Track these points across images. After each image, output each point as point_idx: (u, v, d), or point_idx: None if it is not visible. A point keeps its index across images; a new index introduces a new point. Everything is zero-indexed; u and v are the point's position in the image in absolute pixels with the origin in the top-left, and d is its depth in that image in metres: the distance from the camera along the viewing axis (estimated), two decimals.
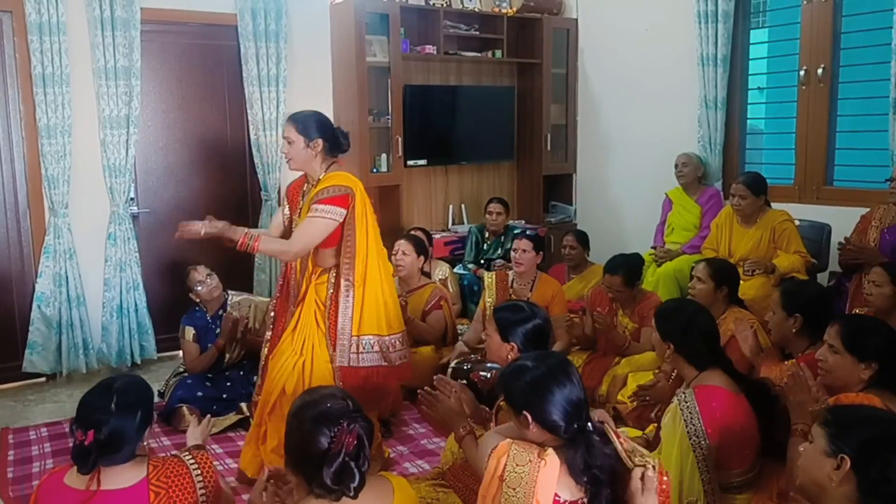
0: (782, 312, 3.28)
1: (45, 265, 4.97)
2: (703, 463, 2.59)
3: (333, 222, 3.34)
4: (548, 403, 2.04)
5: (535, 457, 2.02)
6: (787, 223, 4.68)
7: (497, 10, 6.57)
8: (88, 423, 2.10)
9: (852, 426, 1.87)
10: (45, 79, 4.81)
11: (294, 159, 3.45)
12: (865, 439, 1.83)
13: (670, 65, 6.04)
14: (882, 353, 2.59)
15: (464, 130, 6.54)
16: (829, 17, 5.15)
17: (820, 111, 5.28)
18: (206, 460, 2.30)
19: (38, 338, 4.98)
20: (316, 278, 3.48)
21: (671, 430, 2.68)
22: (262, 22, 5.54)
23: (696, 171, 5.64)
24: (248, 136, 5.71)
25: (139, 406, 2.18)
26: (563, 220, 6.94)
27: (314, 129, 3.43)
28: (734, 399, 2.69)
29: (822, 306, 3.30)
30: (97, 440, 2.08)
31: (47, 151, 4.88)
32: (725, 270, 4.00)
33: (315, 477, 1.91)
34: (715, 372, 2.77)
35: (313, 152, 3.42)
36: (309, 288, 3.48)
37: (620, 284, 4.36)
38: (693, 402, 2.64)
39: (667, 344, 2.83)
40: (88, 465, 2.10)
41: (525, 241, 4.72)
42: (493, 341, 2.96)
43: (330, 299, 3.43)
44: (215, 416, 4.25)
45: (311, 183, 3.50)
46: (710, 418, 2.60)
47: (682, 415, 2.63)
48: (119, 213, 5.16)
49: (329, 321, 3.43)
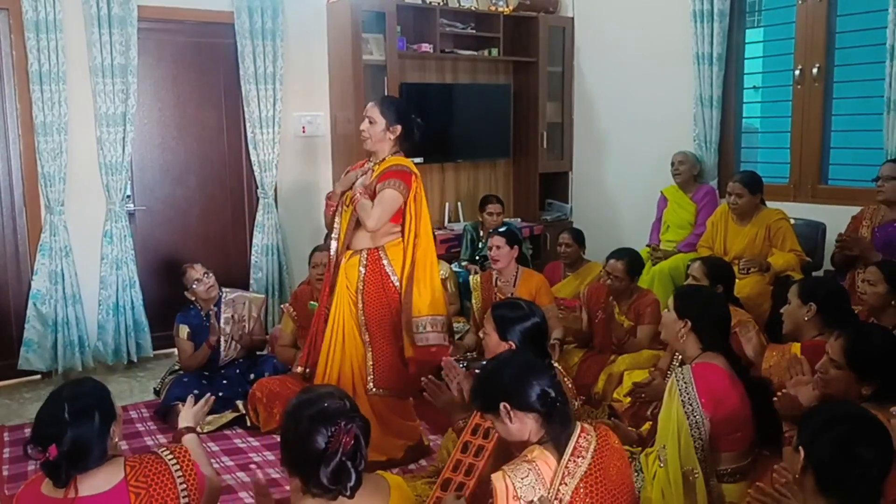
0: (797, 300, 3.27)
1: (41, 263, 4.96)
2: (696, 431, 2.63)
3: (400, 196, 3.57)
4: (525, 387, 2.18)
5: (531, 463, 2.10)
6: (783, 221, 4.70)
7: (493, 8, 6.57)
8: (47, 439, 2.06)
9: (814, 423, 2.00)
10: (41, 76, 4.81)
11: (371, 137, 3.66)
12: (821, 436, 1.94)
13: (666, 63, 6.05)
14: (885, 371, 2.53)
15: (460, 128, 6.54)
16: (824, 17, 5.17)
17: (815, 110, 5.29)
18: (184, 455, 2.25)
19: (34, 335, 4.98)
20: (346, 260, 3.64)
21: (667, 403, 2.72)
22: (258, 20, 5.53)
23: (693, 170, 5.65)
24: (244, 133, 5.71)
25: (94, 408, 2.12)
26: (559, 217, 6.95)
27: (397, 116, 3.66)
28: (730, 380, 2.73)
29: (839, 300, 3.29)
30: (61, 453, 2.04)
31: (43, 149, 4.88)
32: (721, 269, 4.02)
33: (312, 476, 1.92)
34: (717, 355, 2.81)
35: (391, 136, 3.65)
36: (339, 271, 3.65)
37: (622, 271, 4.37)
38: (689, 375, 2.69)
39: (683, 321, 2.85)
40: (62, 477, 2.07)
41: (497, 237, 4.70)
42: (492, 339, 2.98)
43: (363, 281, 3.59)
44: (211, 415, 4.27)
45: (375, 162, 3.71)
46: (704, 389, 2.65)
47: (678, 385, 2.68)
48: (115, 210, 5.16)
49: (364, 304, 3.60)
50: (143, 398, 4.76)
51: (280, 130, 5.73)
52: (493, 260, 4.70)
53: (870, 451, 1.89)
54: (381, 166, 3.63)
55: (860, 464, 1.88)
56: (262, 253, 5.77)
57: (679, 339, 2.88)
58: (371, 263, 3.60)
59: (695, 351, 2.86)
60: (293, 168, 5.91)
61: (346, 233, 3.66)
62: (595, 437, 2.19)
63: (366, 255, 3.61)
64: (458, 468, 2.39)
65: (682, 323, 2.86)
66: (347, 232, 3.66)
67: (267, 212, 5.75)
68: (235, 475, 3.70)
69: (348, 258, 3.64)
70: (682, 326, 2.86)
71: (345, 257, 3.65)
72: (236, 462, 3.84)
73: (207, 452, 3.86)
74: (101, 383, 2.28)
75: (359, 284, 3.60)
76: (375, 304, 3.61)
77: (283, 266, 5.86)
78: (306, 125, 5.98)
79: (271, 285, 5.83)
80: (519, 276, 4.70)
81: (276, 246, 5.81)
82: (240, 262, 5.82)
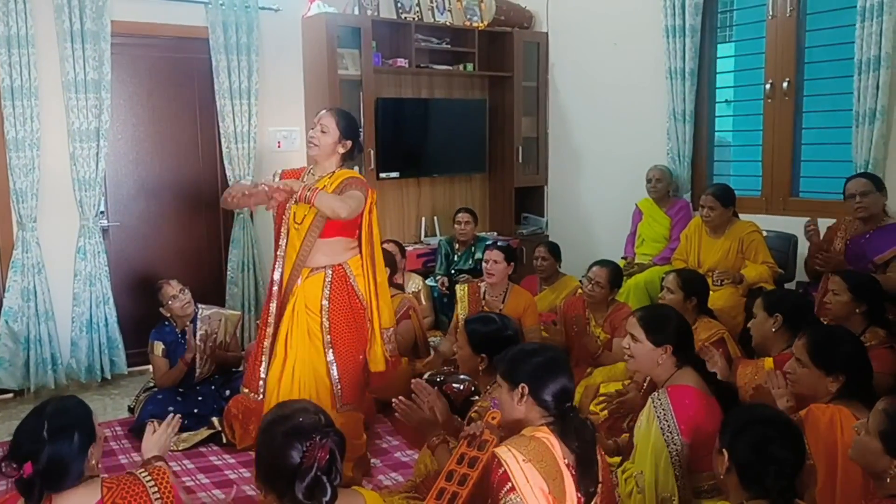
0: (763, 313, 3.37)
1: (13, 280, 4.90)
2: (676, 458, 2.63)
3: (362, 203, 3.48)
4: (549, 383, 2.29)
5: (530, 437, 2.21)
6: (755, 234, 4.75)
7: (468, 23, 6.61)
8: (23, 455, 2.04)
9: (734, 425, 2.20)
10: (13, 91, 4.76)
11: (321, 147, 3.57)
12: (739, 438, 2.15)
13: (639, 78, 6.11)
14: (849, 366, 2.64)
15: (436, 143, 6.56)
16: (794, 32, 5.25)
17: (785, 124, 5.37)
18: (162, 476, 2.23)
19: (6, 353, 4.91)
20: (304, 278, 3.54)
21: (645, 429, 2.72)
22: (233, 35, 5.53)
23: (669, 186, 5.70)
24: (219, 148, 5.68)
25: (74, 427, 2.10)
26: (535, 231, 6.98)
27: (349, 130, 3.62)
28: (705, 399, 2.75)
29: (803, 310, 3.39)
30: (36, 471, 2.02)
31: (15, 165, 4.83)
32: (695, 281, 4.06)
33: (286, 491, 1.91)
34: (688, 370, 2.83)
35: (341, 149, 3.59)
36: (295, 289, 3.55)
37: (605, 279, 4.41)
38: (667, 401, 2.69)
39: (663, 348, 2.84)
40: (35, 496, 2.04)
41: (496, 251, 4.74)
42: (465, 352, 2.99)
43: (328, 300, 3.51)
44: (186, 432, 4.23)
45: (317, 175, 3.60)
46: (683, 416, 2.65)
47: (656, 413, 2.68)
48: (89, 226, 5.12)
49: (329, 322, 3.51)
50: (118, 416, 4.70)
51: (255, 146, 5.72)
52: (487, 274, 4.71)
53: (783, 450, 2.08)
54: (338, 178, 3.55)
55: (775, 462, 2.07)
56: (238, 269, 5.74)
57: (657, 366, 2.86)
58: (337, 280, 3.53)
59: (669, 372, 2.85)
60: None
61: (301, 251, 3.53)
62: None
63: (331, 272, 3.54)
64: (441, 496, 2.38)
65: (661, 350, 2.85)
66: (303, 250, 3.53)
67: (242, 227, 5.72)
68: (211, 493, 3.66)
69: (306, 276, 3.54)
70: (661, 353, 2.85)
71: (302, 276, 3.56)
72: (212, 479, 3.80)
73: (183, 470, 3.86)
74: (85, 403, 2.24)
75: (323, 303, 3.51)
76: (342, 320, 3.55)
77: (259, 282, 5.83)
78: (282, 140, 5.98)
79: (247, 301, 5.79)
80: (509, 292, 4.73)
81: (252, 262, 5.78)
82: (215, 278, 5.78)
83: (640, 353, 2.89)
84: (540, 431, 2.24)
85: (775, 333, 3.32)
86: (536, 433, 2.23)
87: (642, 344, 2.88)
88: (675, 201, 5.72)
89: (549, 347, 2.48)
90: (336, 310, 3.52)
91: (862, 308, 3.51)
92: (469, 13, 6.63)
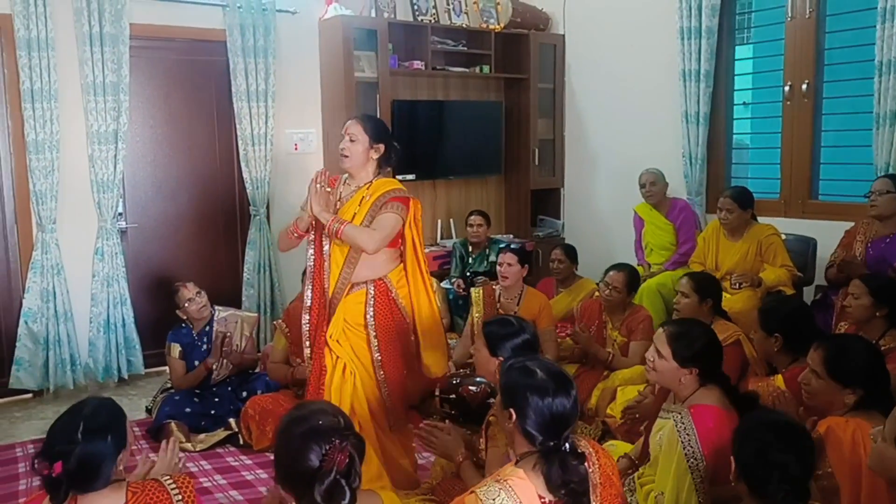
0: (762, 332, 3.35)
1: (33, 281, 4.94)
2: (700, 483, 2.56)
3: (401, 220, 3.33)
4: (531, 412, 2.04)
5: (502, 482, 1.99)
6: (774, 237, 4.72)
7: (484, 25, 6.61)
8: (55, 454, 2.03)
9: (741, 432, 2.23)
10: (33, 94, 4.81)
11: (352, 157, 3.36)
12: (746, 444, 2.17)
13: (656, 80, 6.09)
14: (865, 378, 2.57)
15: (452, 145, 6.56)
16: (813, 34, 5.22)
17: (804, 126, 5.33)
18: (186, 483, 2.21)
19: (25, 354, 4.95)
20: (346, 295, 3.36)
21: (667, 449, 2.64)
22: (250, 38, 5.55)
23: (664, 188, 5.63)
24: (236, 151, 5.71)
25: (108, 430, 2.09)
26: (551, 234, 6.96)
27: (379, 133, 3.41)
28: (727, 417, 2.67)
29: (800, 322, 3.33)
30: (66, 471, 2.01)
31: (35, 167, 4.87)
32: (708, 283, 4.03)
33: (305, 494, 1.90)
34: (711, 389, 2.73)
35: (374, 155, 3.38)
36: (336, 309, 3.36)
37: (622, 283, 4.40)
38: (690, 424, 2.60)
39: (689, 369, 2.73)
40: (61, 495, 2.03)
41: (510, 254, 4.73)
42: (482, 355, 2.97)
43: (373, 316, 3.33)
44: (203, 433, 4.25)
45: (353, 186, 3.42)
46: (706, 439, 2.57)
47: (680, 437, 2.59)
48: (107, 228, 5.15)
49: (378, 339, 3.34)
50: (135, 416, 4.72)
51: (272, 147, 5.74)
52: (502, 276, 4.70)
53: (783, 455, 2.06)
54: (377, 191, 3.35)
55: (776, 467, 2.05)
56: (255, 270, 5.75)
57: (679, 384, 2.77)
58: (379, 295, 3.35)
59: (692, 389, 2.75)
60: (285, 185, 5.90)
61: (344, 268, 3.34)
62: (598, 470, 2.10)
63: (373, 287, 3.34)
64: None
65: (686, 371, 2.74)
66: (346, 267, 3.34)
67: (259, 229, 5.74)
68: (228, 494, 3.67)
69: (347, 293, 3.35)
70: (686, 373, 2.74)
71: (344, 293, 3.35)
72: (229, 480, 3.81)
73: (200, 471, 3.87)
74: (120, 407, 2.23)
75: (368, 319, 3.32)
76: (388, 336, 3.38)
77: (276, 283, 5.85)
78: (298, 142, 5.99)
79: (263, 303, 5.81)
80: (524, 294, 4.71)
81: (269, 263, 5.80)
82: (232, 279, 5.80)
83: (664, 369, 2.79)
84: (516, 476, 2.01)
85: (778, 352, 3.30)
86: (510, 479, 2.00)
87: (667, 362, 2.77)
88: (674, 203, 5.64)
89: (550, 368, 2.16)
90: (382, 325, 3.35)
91: (883, 312, 3.48)
92: (485, 15, 6.63)
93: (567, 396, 2.07)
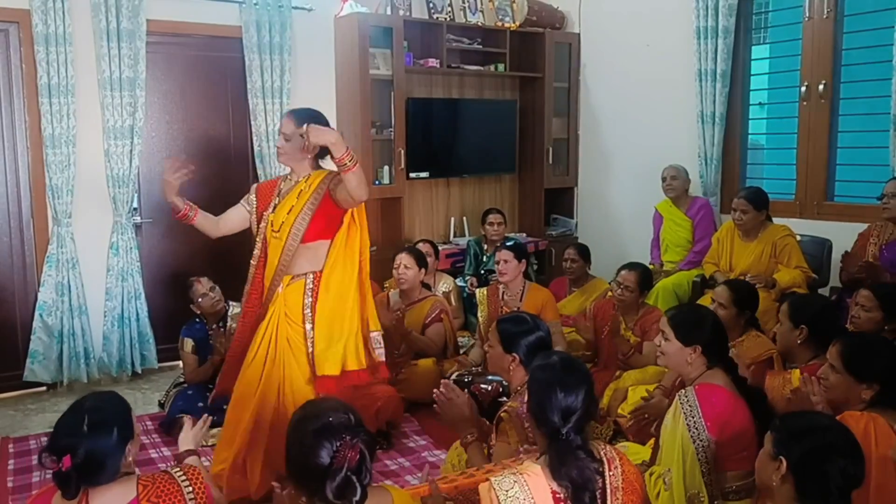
0: (789, 323, 3.31)
1: (48, 274, 4.98)
2: (702, 454, 2.60)
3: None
4: (547, 402, 2.11)
5: (517, 475, 2.04)
6: (789, 238, 4.69)
7: (500, 24, 6.60)
8: (62, 449, 2.04)
9: (794, 433, 2.07)
10: (50, 89, 4.84)
11: (287, 154, 3.42)
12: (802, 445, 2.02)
13: (671, 80, 6.07)
14: (884, 375, 2.57)
15: (466, 143, 6.56)
16: (830, 34, 5.18)
17: (821, 127, 5.30)
18: (196, 475, 2.23)
19: (40, 347, 4.99)
20: (286, 285, 3.43)
21: (672, 426, 2.69)
22: (266, 34, 5.57)
23: (685, 184, 5.64)
24: (251, 147, 5.73)
25: (113, 423, 2.10)
26: (565, 233, 6.95)
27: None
28: (734, 399, 2.71)
29: (828, 319, 3.32)
30: (75, 465, 2.02)
31: (52, 161, 4.91)
32: (748, 295, 3.86)
33: (317, 490, 1.91)
34: (718, 371, 2.80)
35: (310, 151, 3.35)
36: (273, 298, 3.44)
37: (634, 283, 4.38)
38: (693, 398, 2.66)
39: (692, 348, 2.81)
40: (72, 489, 2.05)
41: (505, 251, 4.72)
42: (496, 352, 2.97)
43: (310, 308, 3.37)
44: (215, 427, 4.26)
45: (293, 179, 3.49)
46: (710, 413, 2.62)
47: (682, 409, 2.65)
48: (122, 222, 5.18)
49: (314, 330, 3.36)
50: (148, 410, 4.75)
51: None
52: (500, 273, 4.70)
53: (846, 461, 2.00)
54: (314, 181, 3.39)
55: (839, 473, 1.98)
56: None
57: (687, 365, 2.85)
58: (318, 286, 3.40)
59: (699, 371, 2.83)
60: None
61: (282, 259, 3.41)
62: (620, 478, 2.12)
63: (312, 278, 3.40)
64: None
65: (689, 350, 2.83)
66: (283, 258, 3.41)
67: None
68: None
69: (287, 284, 3.42)
70: (690, 353, 2.83)
71: (283, 283, 3.43)
72: None
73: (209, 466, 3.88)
74: (124, 400, 2.24)
75: (305, 311, 3.37)
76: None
77: None
78: None
79: None
80: (526, 290, 4.71)
81: None
82: (246, 274, 5.79)
83: (670, 351, 2.89)
84: (531, 470, 2.06)
85: (800, 345, 3.28)
86: (526, 472, 2.05)
87: (672, 343, 2.87)
88: (694, 200, 5.65)
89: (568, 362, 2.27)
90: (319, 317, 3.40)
91: (893, 325, 3.42)
92: (501, 13, 6.62)
93: (574, 388, 2.13)
